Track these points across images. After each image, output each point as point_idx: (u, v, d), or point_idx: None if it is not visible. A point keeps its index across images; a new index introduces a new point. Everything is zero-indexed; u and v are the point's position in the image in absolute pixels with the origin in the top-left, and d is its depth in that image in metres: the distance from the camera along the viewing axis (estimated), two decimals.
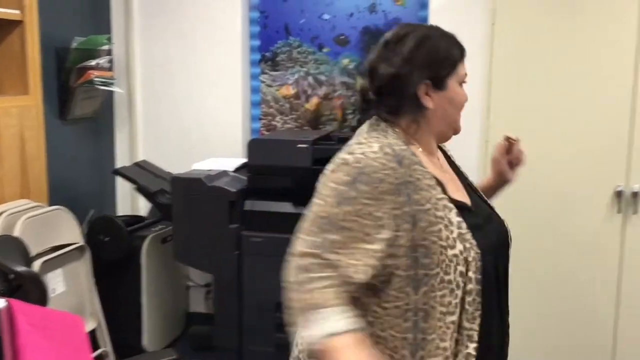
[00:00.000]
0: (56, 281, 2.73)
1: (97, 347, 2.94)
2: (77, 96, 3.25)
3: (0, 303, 1.85)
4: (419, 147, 1.39)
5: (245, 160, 3.16)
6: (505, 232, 1.48)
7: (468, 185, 1.52)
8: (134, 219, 3.48)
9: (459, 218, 1.32)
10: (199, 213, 2.93)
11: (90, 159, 3.55)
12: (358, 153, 1.29)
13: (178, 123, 3.69)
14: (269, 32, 3.66)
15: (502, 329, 1.43)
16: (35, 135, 2.84)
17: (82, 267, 2.90)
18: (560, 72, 2.76)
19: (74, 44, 3.21)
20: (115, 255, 3.19)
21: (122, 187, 3.73)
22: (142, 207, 3.70)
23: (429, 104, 1.36)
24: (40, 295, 2.20)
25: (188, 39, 3.64)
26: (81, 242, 2.90)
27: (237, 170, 3.18)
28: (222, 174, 3.07)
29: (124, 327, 3.19)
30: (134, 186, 3.34)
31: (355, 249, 1.25)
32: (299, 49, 3.64)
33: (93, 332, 2.95)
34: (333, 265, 1.24)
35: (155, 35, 3.68)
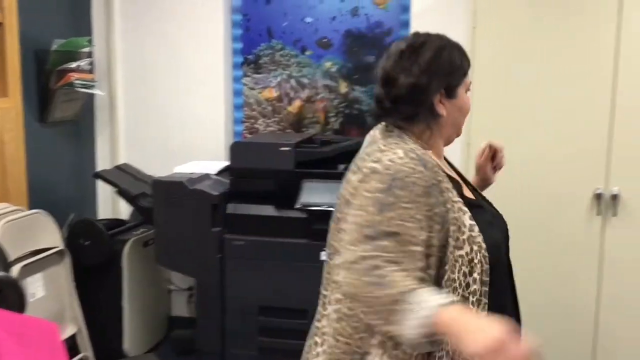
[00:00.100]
0: (36, 286, 2.70)
1: (78, 352, 2.92)
2: (57, 99, 3.22)
3: None
4: (431, 151, 1.44)
5: (227, 163, 3.15)
6: (506, 226, 1.55)
7: (468, 183, 1.58)
8: (115, 223, 3.45)
9: (472, 221, 1.36)
10: (181, 216, 2.92)
11: (71, 162, 3.52)
12: (386, 160, 1.33)
13: (160, 126, 3.67)
14: (251, 35, 3.65)
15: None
16: (15, 138, 2.81)
17: (62, 272, 2.87)
18: (541, 75, 2.79)
19: (54, 46, 3.18)
20: (96, 260, 3.16)
21: (103, 191, 3.70)
22: (124, 210, 3.67)
23: (442, 111, 1.42)
24: (18, 300, 2.18)
25: (170, 42, 3.62)
26: (61, 246, 2.87)
27: (219, 173, 3.17)
28: (204, 177, 3.06)
29: (105, 332, 3.17)
30: (115, 189, 3.32)
31: (405, 252, 1.28)
32: (281, 51, 3.64)
33: (74, 337, 2.92)
34: (394, 261, 1.26)
35: (137, 37, 3.66)
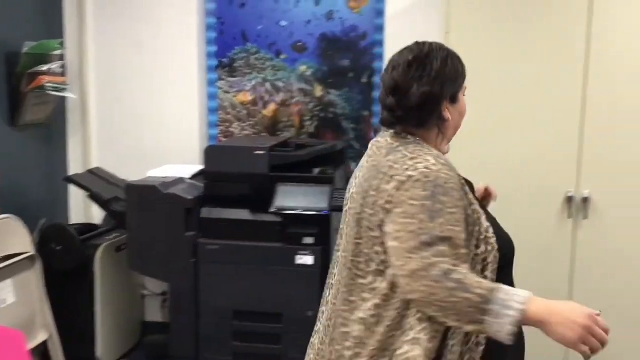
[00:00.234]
0: (6, 292, 2.66)
1: (49, 359, 2.88)
2: (28, 102, 3.17)
3: None
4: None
5: (202, 167, 3.13)
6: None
7: None
8: (87, 228, 3.41)
9: (487, 223, 1.46)
10: (154, 221, 2.89)
11: (42, 166, 3.47)
12: (421, 168, 1.39)
13: (133, 129, 3.64)
14: (225, 38, 3.64)
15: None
16: None
17: (33, 277, 2.83)
18: (513, 80, 2.81)
19: (25, 49, 3.13)
20: (67, 265, 3.12)
21: (75, 195, 3.65)
22: (96, 215, 3.63)
23: (448, 116, 1.51)
24: None
25: (143, 44, 3.59)
26: (32, 252, 2.83)
27: (193, 177, 3.15)
28: (178, 181, 3.04)
29: (77, 338, 3.13)
30: (87, 194, 3.28)
31: (457, 255, 1.35)
32: (256, 55, 3.63)
33: (45, 343, 2.88)
34: (455, 264, 1.33)
35: (110, 40, 3.62)
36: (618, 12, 2.69)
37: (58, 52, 3.24)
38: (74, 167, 3.67)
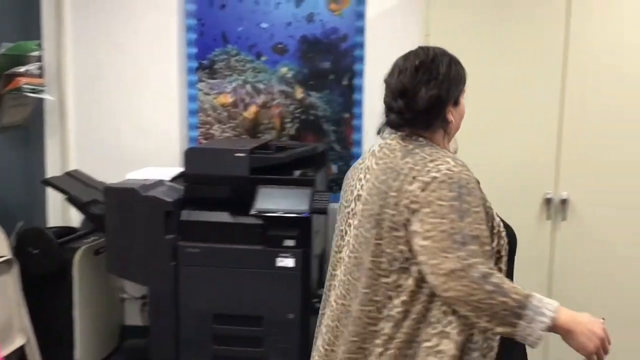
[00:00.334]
0: None
1: None
2: (5, 104, 3.14)
3: None
4: None
5: (182, 169, 3.12)
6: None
7: None
8: (65, 231, 3.37)
9: (498, 217, 1.54)
10: (134, 224, 2.87)
11: (19, 169, 3.42)
12: (444, 169, 1.46)
13: (112, 131, 3.61)
14: (206, 39, 3.62)
15: None
16: None
17: (10, 281, 2.80)
18: (492, 82, 2.83)
19: (2, 50, 3.10)
20: (45, 268, 3.08)
21: (53, 198, 3.61)
22: (74, 218, 3.59)
23: (451, 118, 1.58)
24: None
25: (122, 46, 3.57)
26: (9, 255, 2.80)
27: (173, 179, 3.13)
28: (158, 183, 3.02)
29: (55, 343, 3.10)
30: (65, 197, 3.25)
31: (484, 253, 1.43)
32: (236, 57, 3.62)
33: (22, 348, 2.85)
34: (485, 263, 1.41)
35: (89, 41, 3.59)
36: (596, 16, 2.72)
37: (35, 53, 3.21)
38: (52, 169, 3.62)
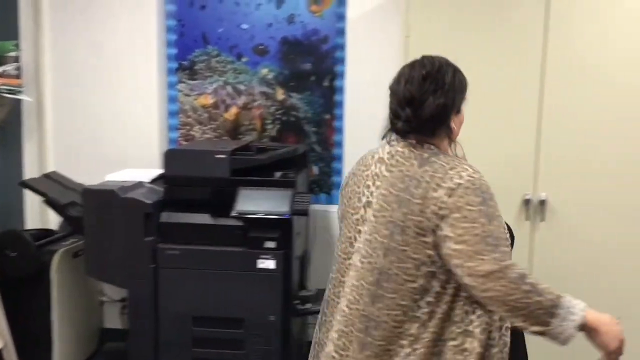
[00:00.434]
0: None
1: None
2: None
3: None
4: None
5: (162, 171, 3.09)
6: None
7: None
8: (43, 233, 3.33)
9: (503, 220, 1.59)
10: (113, 226, 2.84)
11: None
12: (465, 176, 1.53)
13: (91, 133, 3.58)
14: (186, 40, 3.60)
15: None
16: None
17: None
18: (471, 83, 2.84)
19: None
20: (23, 271, 3.05)
21: (31, 200, 3.57)
22: (53, 220, 3.55)
23: (454, 125, 1.66)
24: None
25: (101, 46, 3.54)
26: None
27: (153, 181, 3.11)
28: (138, 185, 2.99)
29: (33, 346, 3.07)
30: (43, 199, 3.21)
31: (509, 254, 1.53)
32: (217, 58, 3.61)
33: (0, 352, 2.81)
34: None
35: (67, 41, 3.56)
36: (574, 18, 2.74)
37: (13, 54, 3.18)
38: (30, 171, 3.58)
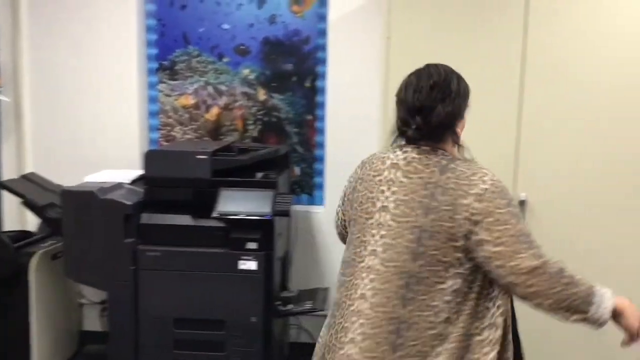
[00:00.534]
0: None
1: None
2: None
3: None
4: None
5: (142, 172, 3.07)
6: None
7: None
8: (21, 235, 3.29)
9: None
10: (92, 227, 2.81)
11: None
12: (489, 181, 1.63)
13: (70, 133, 3.54)
14: (166, 40, 3.58)
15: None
16: None
17: None
18: None
19: None
20: (0, 273, 3.00)
21: (9, 201, 3.52)
22: (31, 222, 3.51)
23: (458, 131, 1.75)
24: None
25: (81, 46, 3.50)
26: None
27: (133, 182, 3.08)
28: (117, 186, 2.96)
29: (11, 349, 3.04)
30: (21, 200, 3.17)
31: None
32: (198, 58, 3.59)
33: None
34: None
35: (46, 41, 3.52)
36: (553, 19, 2.77)
37: None
38: (7, 172, 3.54)
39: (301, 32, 3.53)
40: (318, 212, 3.57)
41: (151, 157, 2.94)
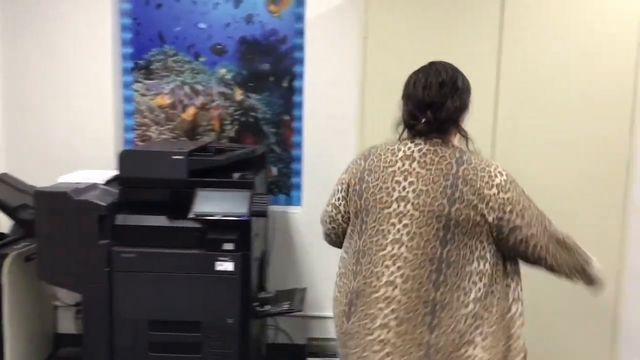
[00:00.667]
0: None
1: None
2: None
3: None
4: None
5: (117, 172, 3.03)
6: None
7: None
8: None
9: None
10: (66, 229, 2.77)
11: None
12: (502, 171, 1.77)
13: (43, 133, 3.49)
14: (141, 39, 3.54)
15: None
16: None
17: None
18: None
19: None
20: None
21: None
22: (3, 223, 3.45)
23: (462, 124, 1.85)
24: None
25: (53, 45, 3.46)
26: None
27: (108, 183, 3.04)
28: (91, 187, 2.92)
29: None
30: None
31: None
32: (174, 57, 3.56)
33: None
34: None
35: (18, 40, 3.46)
36: (528, 18, 2.80)
37: None
38: None
39: (278, 31, 3.52)
40: (295, 213, 3.56)
41: (126, 157, 2.91)
